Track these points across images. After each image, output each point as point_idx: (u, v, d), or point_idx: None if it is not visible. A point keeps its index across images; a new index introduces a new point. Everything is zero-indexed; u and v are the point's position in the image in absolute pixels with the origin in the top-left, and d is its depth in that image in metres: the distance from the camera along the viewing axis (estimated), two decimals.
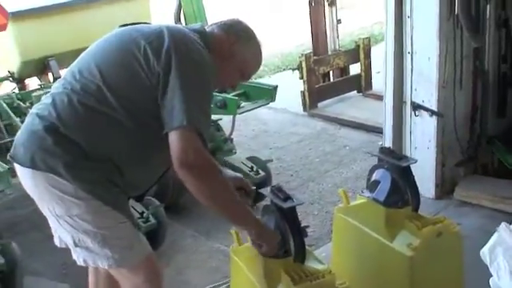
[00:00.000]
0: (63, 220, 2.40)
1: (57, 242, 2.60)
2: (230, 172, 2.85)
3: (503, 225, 1.95)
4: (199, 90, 2.35)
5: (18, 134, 2.49)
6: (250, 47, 2.61)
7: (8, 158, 2.50)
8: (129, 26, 2.57)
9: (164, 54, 2.33)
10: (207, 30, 2.58)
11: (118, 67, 2.41)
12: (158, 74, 2.32)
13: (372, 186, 3.07)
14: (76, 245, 2.44)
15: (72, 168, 2.32)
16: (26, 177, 2.42)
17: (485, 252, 1.97)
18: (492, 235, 2.33)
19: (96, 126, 2.38)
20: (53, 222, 2.49)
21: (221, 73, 2.49)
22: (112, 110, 2.35)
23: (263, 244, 2.56)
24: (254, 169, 4.77)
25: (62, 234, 2.49)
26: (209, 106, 2.45)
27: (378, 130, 5.39)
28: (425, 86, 4.36)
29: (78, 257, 2.50)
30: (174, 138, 2.27)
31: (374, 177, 3.09)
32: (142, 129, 2.40)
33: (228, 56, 2.54)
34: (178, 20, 5.74)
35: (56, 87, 2.49)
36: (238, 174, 2.91)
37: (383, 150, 3.13)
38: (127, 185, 2.47)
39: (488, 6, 4.41)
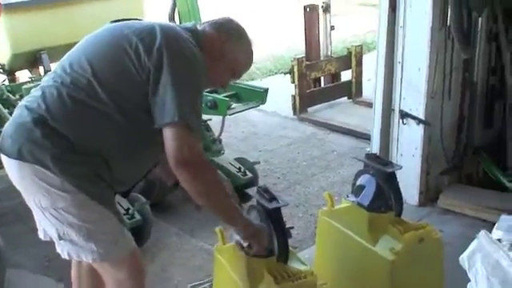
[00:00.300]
0: (48, 212, 2.41)
1: (41, 235, 2.61)
2: None
3: (483, 232, 1.99)
4: (190, 87, 2.37)
5: (6, 125, 2.49)
6: (241, 46, 2.63)
7: None
8: (120, 22, 2.59)
9: (155, 51, 2.35)
10: (199, 28, 2.60)
11: (108, 62, 2.42)
12: (149, 71, 2.34)
13: (357, 190, 3.12)
14: (60, 238, 2.45)
15: (59, 161, 2.33)
16: (12, 168, 2.42)
17: (464, 258, 2.01)
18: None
19: (85, 120, 2.39)
20: (38, 215, 2.49)
21: (212, 71, 2.50)
22: (102, 105, 2.36)
23: (254, 243, 2.59)
24: (242, 170, 4.79)
25: (46, 226, 2.49)
26: (200, 103, 2.48)
27: (367, 137, 5.42)
28: (413, 95, 4.41)
29: (63, 250, 2.50)
30: (167, 135, 2.31)
31: (360, 181, 3.13)
32: (132, 124, 2.41)
33: (219, 55, 2.56)
34: (172, 19, 5.72)
35: (46, 80, 2.51)
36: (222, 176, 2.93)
37: (369, 155, 3.18)
38: (114, 180, 2.48)
39: (480, 19, 4.45)
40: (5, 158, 2.43)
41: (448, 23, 4.27)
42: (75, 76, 2.40)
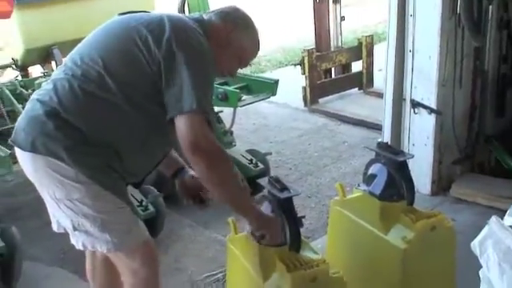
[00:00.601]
0: (63, 204, 2.43)
1: (55, 227, 2.64)
2: (192, 172, 2.86)
3: (494, 218, 1.98)
4: (202, 76, 2.40)
5: (19, 119, 2.52)
6: (247, 34, 2.65)
7: (9, 142, 2.53)
8: (128, 14, 2.61)
9: (165, 42, 2.37)
10: (205, 18, 2.62)
11: (118, 53, 2.44)
12: (159, 62, 2.36)
13: (368, 179, 3.11)
14: (75, 229, 2.47)
15: (73, 152, 2.35)
16: (26, 161, 2.45)
17: (475, 244, 2.01)
18: None
19: (96, 112, 2.41)
20: (52, 206, 2.51)
21: (219, 60, 2.53)
22: (112, 96, 2.38)
23: (266, 233, 2.59)
24: (253, 161, 4.81)
25: (61, 218, 2.51)
26: (212, 93, 2.51)
27: (378, 127, 5.42)
28: (424, 84, 4.40)
29: (77, 241, 2.53)
30: (183, 123, 2.32)
31: (371, 171, 3.13)
32: (142, 115, 2.43)
33: (225, 44, 2.57)
34: (182, 11, 5.75)
35: (57, 73, 2.52)
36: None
37: (380, 144, 3.17)
38: (126, 171, 2.50)
39: (490, 7, 4.43)
40: (18, 151, 2.46)
41: (458, 11, 4.25)
42: (86, 68, 2.42)
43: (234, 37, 2.59)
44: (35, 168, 2.42)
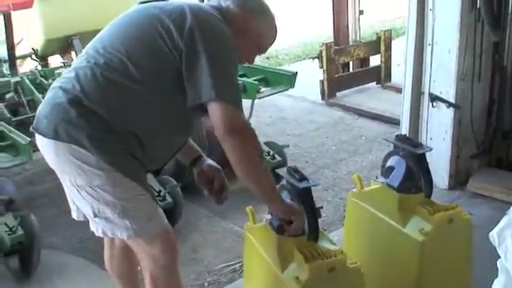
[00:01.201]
0: (84, 191, 2.45)
1: (74, 215, 2.68)
2: (209, 161, 2.91)
3: None
4: (226, 63, 2.44)
5: (40, 106, 2.53)
6: (264, 21, 2.66)
7: (31, 129, 2.55)
8: (149, 3, 2.62)
9: (187, 31, 2.39)
10: (223, 5, 2.63)
11: (140, 41, 2.46)
12: (182, 50, 2.38)
13: (386, 171, 3.12)
14: (96, 215, 2.49)
15: (95, 140, 2.37)
16: (48, 148, 2.46)
17: (494, 234, 2.02)
18: None
19: (119, 99, 2.43)
20: (73, 194, 2.54)
21: (238, 48, 2.53)
22: (135, 84, 2.40)
23: (293, 220, 2.60)
24: (271, 153, 4.82)
25: (81, 205, 2.54)
26: (237, 78, 2.56)
27: (395, 122, 5.42)
28: (443, 77, 4.39)
29: (97, 228, 2.55)
30: (216, 107, 2.36)
31: (389, 163, 3.14)
32: (164, 103, 2.46)
33: (243, 31, 2.59)
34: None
35: (79, 62, 2.54)
36: (217, 166, 2.93)
37: (399, 137, 3.17)
38: (146, 158, 2.52)
39: (510, 1, 4.41)
40: (40, 139, 2.48)
41: (478, 5, 4.24)
42: (108, 56, 2.44)
43: (252, 24, 2.61)
44: (57, 155, 2.44)
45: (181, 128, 2.58)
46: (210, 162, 2.90)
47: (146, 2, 2.65)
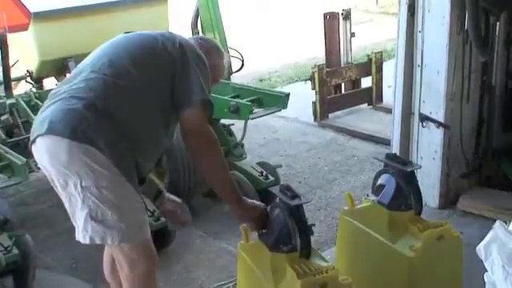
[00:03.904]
0: (88, 192, 2.54)
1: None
2: (171, 196, 3.19)
3: (498, 223, 2.05)
4: (208, 78, 2.76)
5: (51, 113, 2.58)
6: (219, 58, 3.06)
7: (34, 135, 2.61)
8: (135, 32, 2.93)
9: (178, 46, 2.74)
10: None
11: (143, 48, 2.76)
12: (174, 60, 2.70)
13: (377, 189, 3.18)
14: (92, 218, 2.56)
15: (110, 143, 2.52)
16: (60, 148, 2.53)
17: (480, 248, 2.08)
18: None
19: (130, 107, 2.62)
20: (73, 197, 2.59)
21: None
22: (142, 93, 2.65)
23: (249, 222, 2.89)
24: (264, 173, 4.86)
25: (77, 209, 2.60)
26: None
27: (387, 142, 5.45)
28: (433, 98, 4.46)
29: (85, 235, 2.61)
30: (190, 111, 2.68)
31: (380, 181, 3.20)
32: (161, 112, 2.71)
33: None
34: (195, 27, 5.84)
35: (84, 74, 2.66)
36: (178, 200, 3.21)
37: (389, 155, 3.24)
38: (141, 165, 2.71)
39: (498, 23, 4.50)
40: (54, 139, 2.54)
41: (466, 28, 4.32)
42: (116, 67, 2.65)
43: (212, 59, 2.93)
44: (70, 154, 2.51)
45: (166, 136, 2.81)
46: (171, 196, 3.17)
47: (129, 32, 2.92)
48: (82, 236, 2.63)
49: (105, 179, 2.52)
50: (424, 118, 4.53)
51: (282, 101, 5.02)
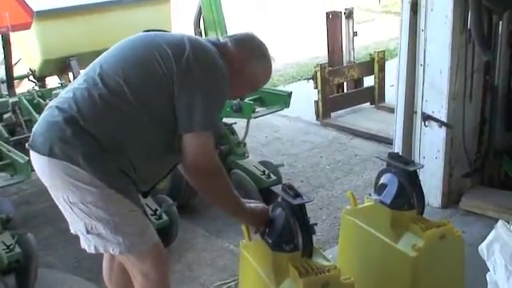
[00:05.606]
0: (77, 207, 2.51)
1: (72, 229, 2.71)
2: None
3: (500, 222, 2.05)
4: (215, 97, 2.55)
5: (37, 125, 2.60)
6: (260, 63, 2.77)
7: (27, 147, 2.60)
8: (152, 32, 2.73)
9: (184, 60, 2.51)
10: (221, 41, 2.74)
11: (138, 67, 2.56)
12: (175, 77, 2.49)
13: (379, 189, 3.17)
14: (88, 232, 2.55)
15: (89, 158, 2.44)
16: (43, 165, 2.52)
17: (482, 247, 2.07)
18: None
19: (114, 122, 2.51)
20: (66, 211, 2.59)
21: (231, 84, 2.63)
22: (130, 107, 2.49)
23: (261, 227, 2.82)
24: (266, 172, 4.86)
25: (74, 222, 2.59)
26: (221, 112, 2.69)
27: (389, 141, 5.46)
28: (435, 97, 4.46)
29: (89, 244, 2.60)
30: (188, 141, 2.49)
31: (382, 180, 3.19)
32: (158, 126, 2.55)
33: (238, 70, 2.68)
34: (197, 26, 5.85)
35: (77, 82, 2.61)
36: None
37: (391, 155, 3.23)
38: (138, 178, 2.60)
39: (500, 23, 4.49)
40: (35, 156, 2.54)
41: (468, 27, 4.31)
42: (107, 79, 2.52)
43: (248, 65, 2.72)
44: (51, 172, 2.50)
45: (171, 152, 2.63)
46: None
47: (149, 31, 2.75)
48: (86, 245, 2.63)
49: (89, 195, 2.47)
50: (426, 117, 4.52)
51: (284, 100, 5.04)
